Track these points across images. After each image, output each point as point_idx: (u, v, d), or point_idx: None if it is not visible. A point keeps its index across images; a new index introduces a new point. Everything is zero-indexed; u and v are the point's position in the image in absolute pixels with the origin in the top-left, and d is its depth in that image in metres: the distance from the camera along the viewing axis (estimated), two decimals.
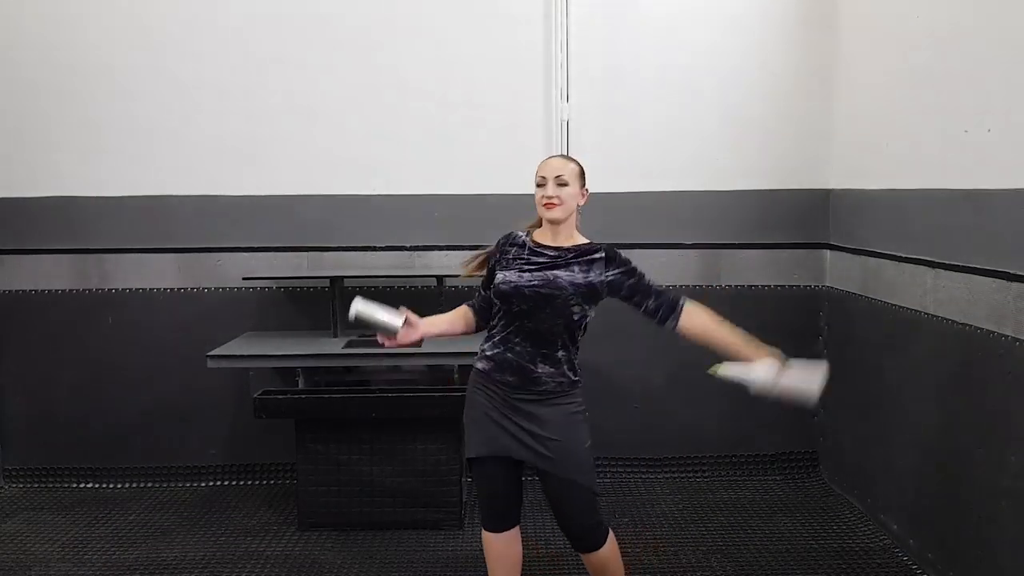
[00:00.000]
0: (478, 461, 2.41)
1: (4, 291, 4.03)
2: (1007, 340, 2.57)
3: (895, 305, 3.28)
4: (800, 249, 4.01)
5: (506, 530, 2.45)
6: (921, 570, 3.09)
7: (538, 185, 2.36)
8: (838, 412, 3.90)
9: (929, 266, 3.02)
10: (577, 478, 2.33)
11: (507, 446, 2.35)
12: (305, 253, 4.00)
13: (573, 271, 2.31)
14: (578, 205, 2.38)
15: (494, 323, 2.42)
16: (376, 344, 2.33)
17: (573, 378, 2.38)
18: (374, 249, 4.00)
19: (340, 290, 3.84)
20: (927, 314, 3.04)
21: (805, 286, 4.03)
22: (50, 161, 3.93)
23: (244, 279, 3.87)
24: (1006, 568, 2.59)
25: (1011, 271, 2.54)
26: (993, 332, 2.64)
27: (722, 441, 4.11)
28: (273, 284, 4.02)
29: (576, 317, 2.32)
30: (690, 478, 4.08)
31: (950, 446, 2.91)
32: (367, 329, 2.35)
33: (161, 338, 4.01)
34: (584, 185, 2.39)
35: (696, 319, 2.38)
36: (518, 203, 3.85)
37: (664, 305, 2.34)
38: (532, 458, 2.34)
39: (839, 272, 3.87)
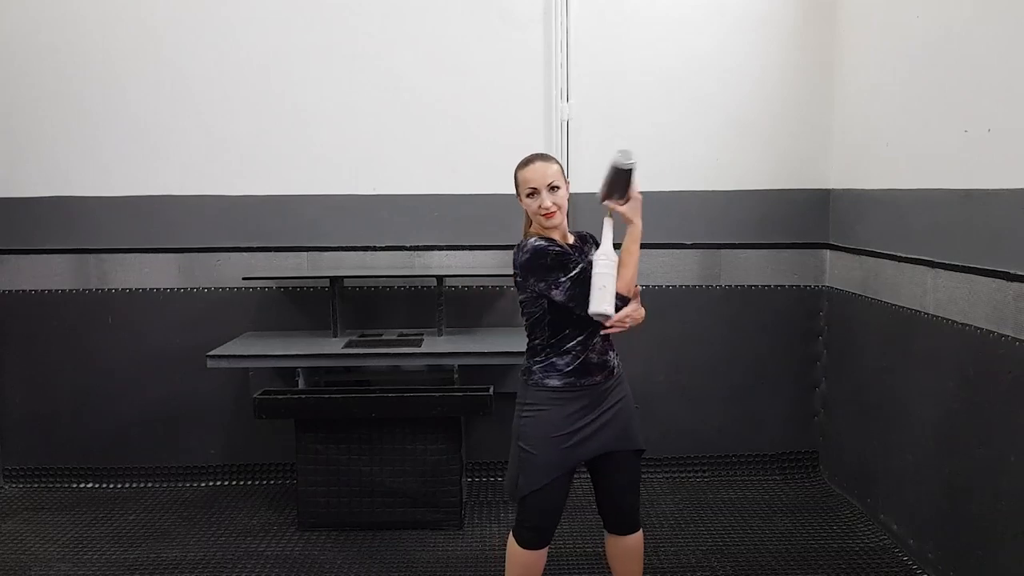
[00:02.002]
0: (545, 486, 2.34)
1: (4, 291, 4.03)
2: (1007, 340, 2.57)
3: (895, 305, 3.28)
4: (800, 249, 4.01)
5: (541, 547, 2.43)
6: (921, 570, 3.09)
7: (528, 195, 2.32)
8: (838, 412, 3.90)
9: (929, 266, 3.02)
10: (642, 441, 2.46)
11: (588, 448, 2.36)
12: (305, 253, 4.00)
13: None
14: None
15: (557, 336, 2.33)
16: (376, 344, 2.29)
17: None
18: (374, 249, 4.00)
19: (340, 290, 3.85)
20: (927, 314, 3.04)
21: (805, 286, 4.03)
22: (50, 161, 3.93)
23: (244, 279, 3.87)
24: (1006, 568, 2.59)
25: (1011, 271, 2.55)
26: (993, 332, 2.65)
27: (722, 441, 4.11)
28: (273, 284, 4.02)
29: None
30: (690, 478, 4.08)
31: (950, 446, 2.91)
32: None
33: (161, 338, 4.01)
34: (566, 179, 2.39)
35: None
36: (518, 203, 3.87)
37: None
38: (622, 440, 2.40)
39: (839, 272, 3.87)
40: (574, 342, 2.34)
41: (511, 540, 2.44)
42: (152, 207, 3.96)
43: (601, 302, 2.12)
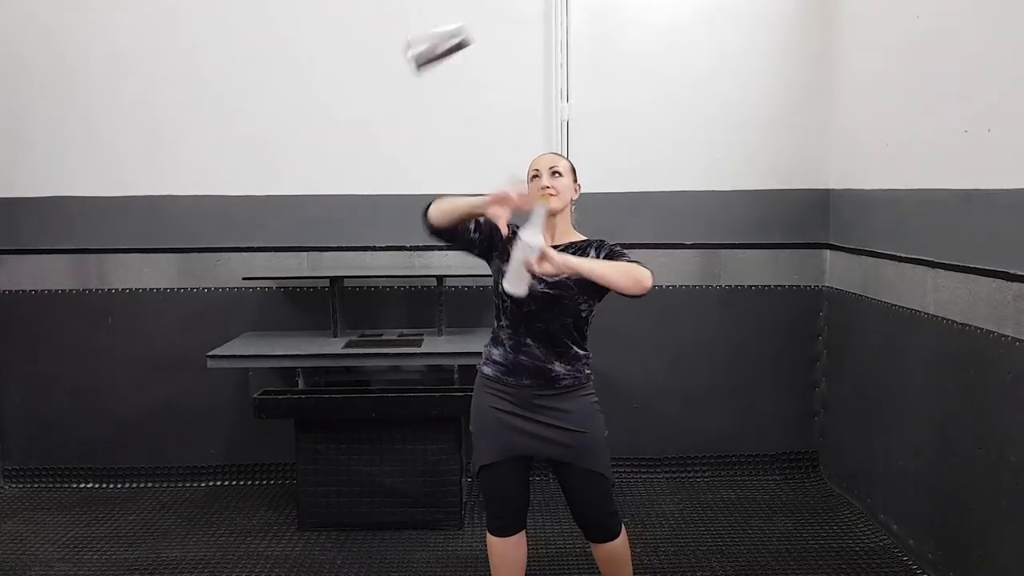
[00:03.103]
0: (489, 467, 2.39)
1: (4, 291, 4.03)
2: (1007, 340, 2.57)
3: (895, 305, 3.28)
4: (800, 249, 4.01)
5: (515, 534, 2.45)
6: (921, 570, 3.09)
7: (532, 178, 2.37)
8: (838, 412, 3.90)
9: (929, 266, 3.02)
10: (597, 467, 2.36)
11: (526, 446, 2.35)
12: (305, 253, 4.00)
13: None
14: (572, 200, 2.40)
15: (499, 324, 2.39)
16: (376, 344, 2.27)
17: (587, 372, 2.39)
18: (374, 249, 4.00)
19: (340, 290, 3.85)
20: (927, 314, 3.04)
21: (805, 286, 4.03)
22: (50, 161, 3.93)
23: (244, 279, 3.87)
24: (1006, 568, 2.59)
25: (1011, 271, 2.55)
26: (993, 332, 2.65)
27: (722, 441, 4.11)
28: (273, 284, 4.02)
29: (584, 313, 2.33)
30: (690, 478, 4.08)
31: (950, 446, 2.91)
32: None
33: (161, 338, 4.01)
34: (576, 180, 2.41)
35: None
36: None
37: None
38: (557, 453, 2.34)
39: (839, 272, 3.87)
40: (505, 336, 2.36)
41: None
42: (152, 207, 3.96)
43: (513, 282, 2.06)
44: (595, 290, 2.27)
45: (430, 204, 2.37)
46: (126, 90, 3.88)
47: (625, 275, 2.13)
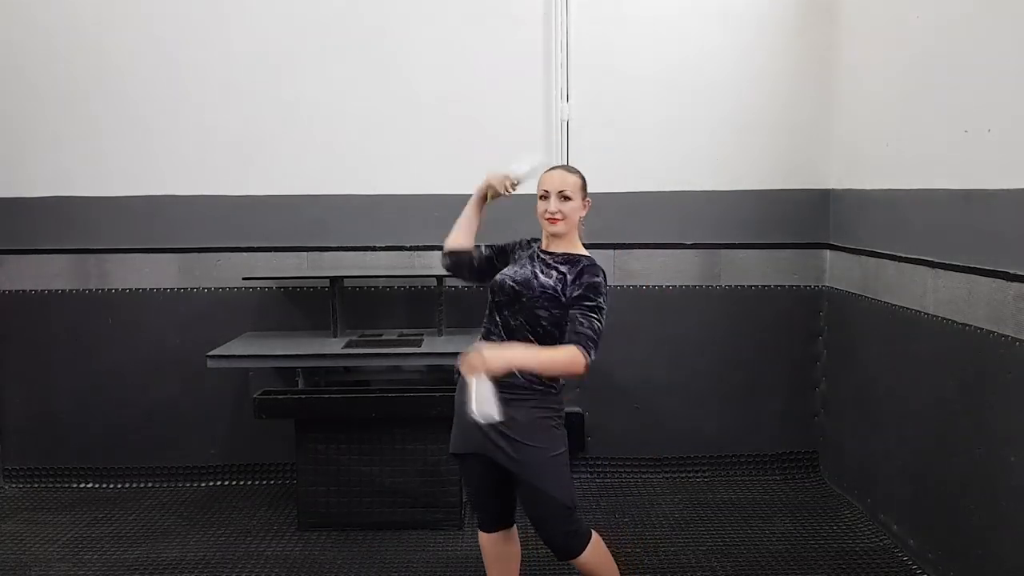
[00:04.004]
0: (459, 458, 2.44)
1: (4, 291, 4.03)
2: (1007, 340, 2.57)
3: (895, 305, 3.28)
4: (800, 249, 4.01)
5: (497, 530, 2.46)
6: (921, 570, 3.09)
7: (541, 197, 2.34)
8: (838, 412, 3.90)
9: (929, 266, 3.02)
10: (542, 485, 2.26)
11: (481, 443, 2.29)
12: (305, 253, 4.00)
13: (551, 275, 2.29)
14: (580, 218, 2.37)
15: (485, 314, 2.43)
16: (376, 344, 2.30)
17: (547, 383, 2.29)
18: (374, 249, 4.00)
19: (340, 290, 3.85)
20: (927, 314, 3.04)
21: (805, 286, 4.03)
22: (50, 161, 3.93)
23: (244, 279, 3.87)
24: (1006, 567, 2.59)
25: (1011, 271, 2.54)
26: (993, 332, 2.64)
27: (722, 441, 4.11)
28: (273, 284, 4.02)
29: (543, 320, 2.27)
30: (690, 478, 4.08)
31: (950, 446, 2.91)
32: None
33: (161, 338, 4.01)
34: (586, 196, 2.38)
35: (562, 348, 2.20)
36: (518, 203, 3.86)
37: (580, 334, 2.18)
38: (502, 459, 2.27)
39: (839, 272, 3.87)
40: (484, 324, 2.39)
41: None
42: (152, 207, 3.96)
43: (482, 409, 2.04)
44: (555, 303, 2.26)
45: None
46: (126, 90, 3.88)
47: (553, 366, 2.18)
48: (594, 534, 2.39)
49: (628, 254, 3.99)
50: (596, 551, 2.37)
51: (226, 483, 4.10)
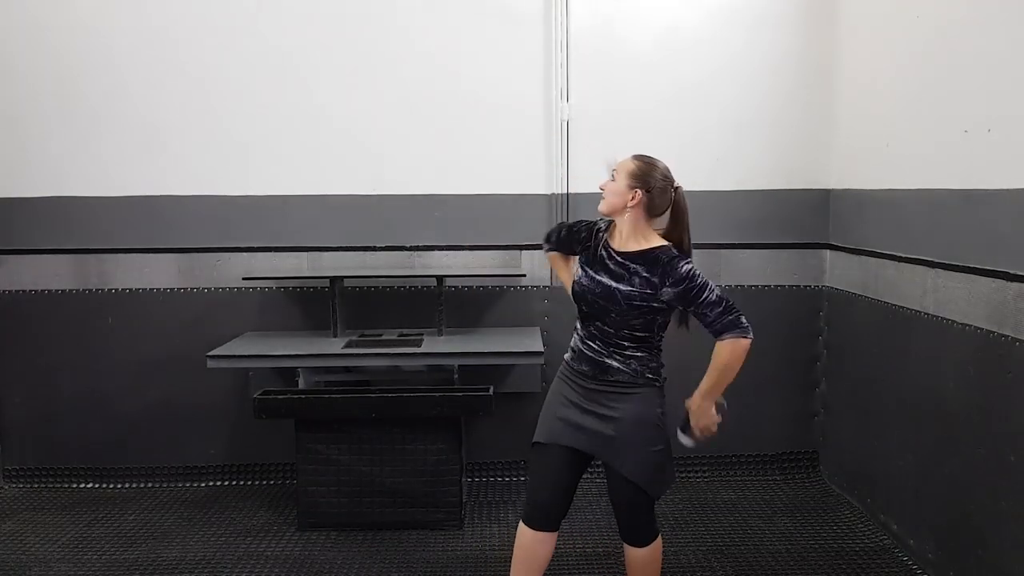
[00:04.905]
0: (540, 448, 2.44)
1: (4, 291, 4.02)
2: (1007, 340, 2.57)
3: (895, 305, 3.28)
4: (800, 249, 4.01)
5: (544, 529, 2.44)
6: (921, 570, 3.09)
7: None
8: (838, 412, 3.90)
9: (929, 266, 3.02)
10: (631, 475, 2.36)
11: (571, 437, 2.38)
12: (305, 253, 4.00)
13: (633, 283, 2.30)
14: (628, 205, 2.31)
15: (576, 320, 2.48)
16: (376, 344, 2.31)
17: (649, 376, 2.38)
18: (374, 249, 4.00)
19: (340, 290, 3.85)
20: (927, 314, 3.04)
21: (805, 286, 4.03)
22: (50, 161, 3.92)
23: (244, 279, 3.87)
24: (1006, 568, 2.59)
25: (1011, 271, 2.55)
26: (993, 332, 2.64)
27: (722, 441, 4.07)
28: (273, 284, 4.02)
29: (638, 327, 2.33)
30: (690, 478, 4.08)
31: (950, 446, 2.91)
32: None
33: (161, 338, 4.01)
34: (635, 186, 2.30)
35: (717, 353, 2.41)
36: (518, 203, 3.88)
37: (717, 323, 2.38)
38: (596, 446, 2.36)
39: (839, 272, 3.87)
40: (578, 327, 2.46)
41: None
42: (152, 207, 3.96)
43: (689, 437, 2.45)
44: (649, 309, 2.31)
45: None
46: (126, 90, 3.88)
47: (728, 372, 2.42)
48: (659, 535, 2.52)
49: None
50: (656, 550, 2.50)
51: (226, 483, 4.10)
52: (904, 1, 3.21)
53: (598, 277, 2.34)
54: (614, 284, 2.31)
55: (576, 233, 2.48)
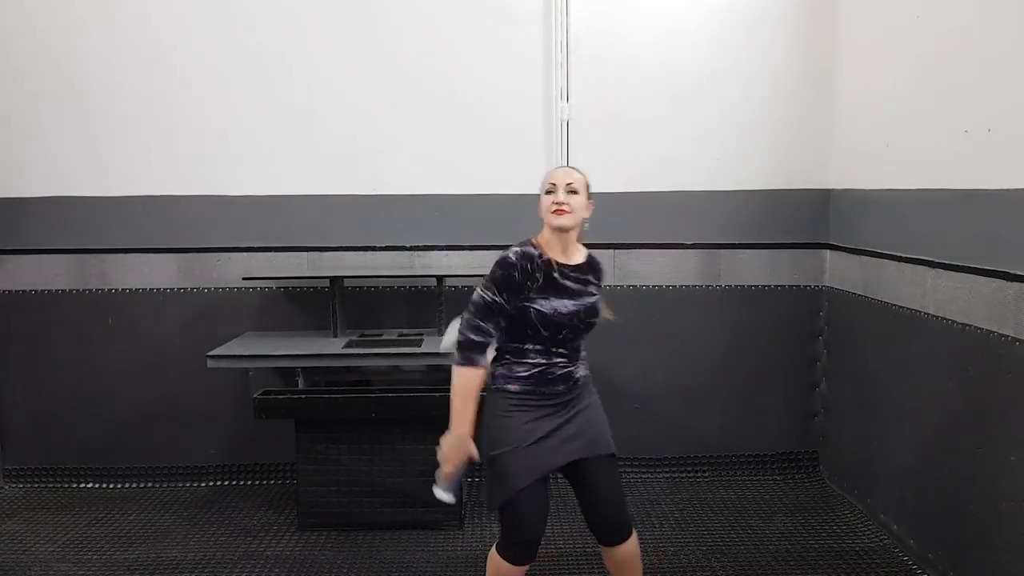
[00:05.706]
0: (526, 491, 2.27)
1: (4, 291, 4.02)
2: (1007, 340, 2.57)
3: (895, 305, 3.28)
4: (800, 249, 4.01)
5: (531, 562, 2.35)
6: (921, 570, 3.09)
7: (547, 192, 2.33)
8: (838, 412, 3.90)
9: (929, 266, 3.02)
10: (610, 445, 2.40)
11: (563, 455, 2.32)
12: (305, 253, 4.00)
13: (593, 291, 2.38)
14: (584, 218, 2.36)
15: (523, 345, 2.32)
16: (376, 344, 2.31)
17: (587, 367, 2.49)
18: (374, 249, 4.00)
19: (340, 290, 3.85)
20: (927, 314, 3.04)
21: (805, 286, 4.03)
22: (50, 161, 3.92)
23: (244, 279, 3.88)
24: (1007, 568, 2.59)
25: (1011, 271, 2.55)
26: (993, 332, 2.65)
27: (722, 441, 4.11)
28: (273, 284, 4.02)
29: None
30: (690, 478, 4.08)
31: (950, 446, 2.91)
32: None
33: (161, 338, 4.01)
34: (590, 197, 2.38)
35: None
36: (518, 203, 3.87)
37: None
38: (586, 447, 2.35)
39: (839, 272, 3.87)
40: (535, 354, 2.32)
41: (494, 555, 2.36)
42: (152, 207, 3.96)
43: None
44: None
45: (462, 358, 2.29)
46: (125, 90, 3.88)
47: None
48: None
49: (628, 254, 3.99)
50: (636, 541, 2.47)
51: (226, 483, 4.10)
52: (904, 1, 3.21)
53: (572, 299, 2.29)
54: (590, 299, 2.35)
55: (517, 281, 2.23)
